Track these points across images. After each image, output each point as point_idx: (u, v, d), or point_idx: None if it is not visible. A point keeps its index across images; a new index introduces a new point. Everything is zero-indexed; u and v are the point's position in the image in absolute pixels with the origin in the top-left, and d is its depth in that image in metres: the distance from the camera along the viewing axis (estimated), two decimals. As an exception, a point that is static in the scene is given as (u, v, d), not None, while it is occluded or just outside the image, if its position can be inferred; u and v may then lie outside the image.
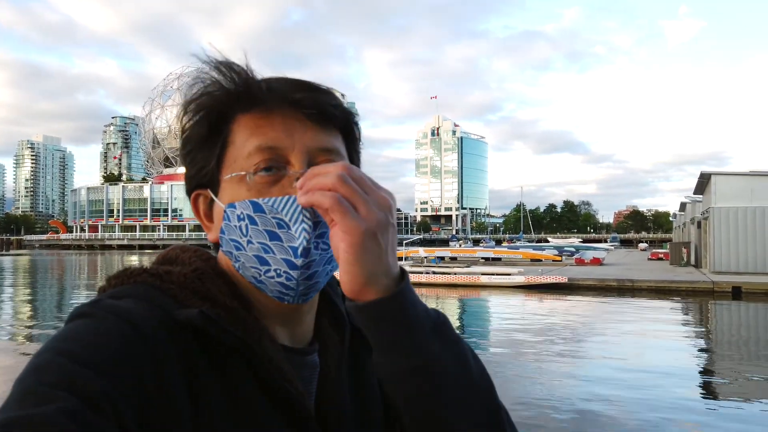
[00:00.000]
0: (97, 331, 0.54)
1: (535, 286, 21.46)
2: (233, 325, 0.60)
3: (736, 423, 6.49)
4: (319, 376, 0.70)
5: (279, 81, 0.66)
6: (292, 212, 0.61)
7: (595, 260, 31.79)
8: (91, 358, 0.51)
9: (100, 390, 0.49)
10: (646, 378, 8.35)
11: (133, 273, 0.64)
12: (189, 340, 0.58)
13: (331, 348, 0.72)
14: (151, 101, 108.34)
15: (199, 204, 0.70)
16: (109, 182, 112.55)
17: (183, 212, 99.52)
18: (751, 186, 24.14)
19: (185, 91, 0.69)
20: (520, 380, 8.37)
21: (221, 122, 0.66)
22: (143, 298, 0.60)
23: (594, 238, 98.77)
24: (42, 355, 0.52)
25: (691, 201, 34.62)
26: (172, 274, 0.64)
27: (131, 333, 0.55)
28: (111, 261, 49.39)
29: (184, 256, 0.69)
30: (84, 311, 0.57)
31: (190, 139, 0.68)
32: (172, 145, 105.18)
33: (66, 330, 0.55)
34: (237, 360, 0.60)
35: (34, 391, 0.48)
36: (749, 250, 23.52)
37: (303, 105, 0.64)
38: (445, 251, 39.23)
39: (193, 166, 0.68)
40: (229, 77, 0.66)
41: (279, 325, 0.68)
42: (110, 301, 0.58)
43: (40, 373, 0.50)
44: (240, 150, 0.64)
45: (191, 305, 0.61)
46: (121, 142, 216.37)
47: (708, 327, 14.31)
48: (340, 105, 0.68)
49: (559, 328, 13.02)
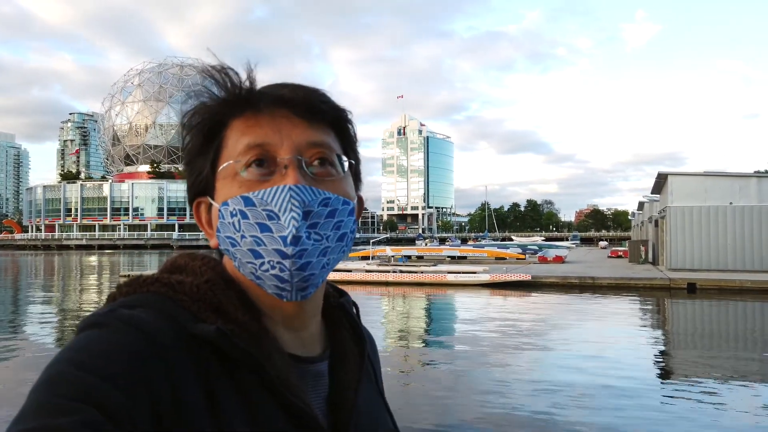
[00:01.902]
0: (112, 341, 0.54)
1: (500, 284, 21.78)
2: (246, 341, 0.61)
3: (691, 412, 6.73)
4: (337, 389, 0.70)
5: (271, 84, 0.68)
6: (281, 202, 0.62)
7: (558, 258, 32.42)
8: (107, 370, 0.51)
9: (118, 402, 0.49)
10: (606, 371, 8.58)
11: (146, 282, 0.64)
12: (205, 353, 0.59)
13: (352, 361, 0.73)
14: (110, 97, 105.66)
15: (201, 212, 0.70)
16: (67, 180, 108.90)
17: (144, 211, 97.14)
18: (705, 186, 25.01)
19: (180, 106, 0.74)
20: (484, 377, 8.49)
21: (216, 130, 0.68)
22: (157, 309, 0.60)
23: (556, 237, 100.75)
24: (56, 365, 0.52)
25: (649, 200, 35.67)
26: (184, 285, 0.64)
27: (147, 344, 0.55)
28: (69, 261, 47.91)
29: (193, 264, 0.69)
30: (97, 321, 0.56)
31: (188, 151, 0.70)
32: (132, 143, 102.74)
33: (79, 340, 0.55)
34: (251, 374, 0.60)
35: (50, 403, 0.48)
36: (703, 248, 24.38)
37: (290, 102, 0.66)
38: (411, 250, 39.39)
39: (191, 175, 0.70)
40: (223, 84, 0.68)
41: (286, 331, 0.68)
42: (124, 310, 0.58)
43: (56, 385, 0.50)
44: (231, 151, 0.66)
45: (205, 318, 0.61)
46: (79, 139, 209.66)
47: (665, 321, 14.79)
48: (329, 101, 0.69)
49: (523, 325, 13.25)
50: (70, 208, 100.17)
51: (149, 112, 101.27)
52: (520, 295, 19.54)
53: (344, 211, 0.66)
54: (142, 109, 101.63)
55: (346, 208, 0.66)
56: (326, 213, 0.64)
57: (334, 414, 0.68)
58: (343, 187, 0.68)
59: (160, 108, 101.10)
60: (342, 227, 0.66)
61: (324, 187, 0.65)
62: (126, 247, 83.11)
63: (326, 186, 0.66)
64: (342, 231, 0.66)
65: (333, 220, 0.65)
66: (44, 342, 11.80)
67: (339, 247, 0.66)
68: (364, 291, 21.02)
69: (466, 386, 7.94)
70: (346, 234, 0.67)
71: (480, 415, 6.54)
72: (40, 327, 13.92)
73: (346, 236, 0.67)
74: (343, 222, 0.66)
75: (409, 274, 23.80)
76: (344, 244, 0.67)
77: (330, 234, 0.64)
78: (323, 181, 0.66)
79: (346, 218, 0.67)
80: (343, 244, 0.67)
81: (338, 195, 0.66)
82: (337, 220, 0.65)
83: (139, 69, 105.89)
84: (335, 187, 0.67)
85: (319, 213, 0.63)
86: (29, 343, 11.55)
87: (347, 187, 0.69)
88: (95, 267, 40.02)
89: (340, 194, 0.66)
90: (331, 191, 0.65)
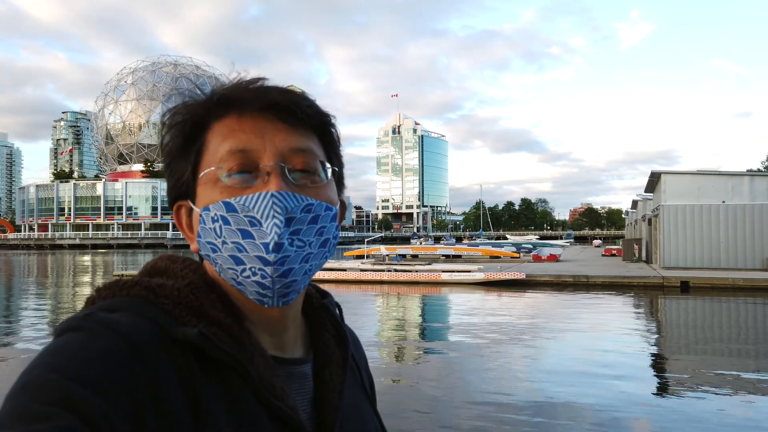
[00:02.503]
0: (90, 346, 0.52)
1: (494, 282, 21.81)
2: (228, 343, 0.60)
3: (684, 408, 6.76)
4: (321, 390, 0.70)
5: (253, 87, 0.66)
6: (263, 208, 0.61)
7: (552, 257, 32.50)
8: (86, 375, 0.50)
9: (96, 407, 0.48)
10: (600, 369, 8.62)
11: (126, 285, 0.63)
12: (186, 357, 0.58)
13: (335, 362, 0.73)
14: (104, 96, 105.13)
15: (181, 215, 0.69)
16: (60, 179, 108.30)
17: (138, 210, 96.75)
18: (698, 184, 25.14)
19: (163, 104, 0.74)
20: (479, 375, 8.51)
21: (197, 132, 0.67)
22: (137, 313, 0.58)
23: (550, 235, 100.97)
24: (33, 371, 0.50)
25: (643, 199, 35.81)
26: (165, 288, 0.63)
27: (127, 349, 0.53)
28: (62, 261, 47.67)
29: (174, 267, 0.68)
30: (75, 324, 0.55)
31: (168, 152, 0.69)
32: (126, 142, 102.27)
33: (57, 344, 0.53)
34: (234, 377, 0.60)
35: (28, 409, 0.47)
36: (696, 246, 24.51)
37: (274, 107, 0.65)
38: (406, 249, 39.36)
39: (172, 178, 0.69)
40: (205, 89, 0.68)
41: (266, 333, 0.68)
42: (103, 314, 0.57)
43: (34, 390, 0.48)
44: (213, 156, 0.65)
45: (186, 322, 0.60)
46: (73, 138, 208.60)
47: (658, 319, 14.85)
48: (313, 106, 0.67)
49: (518, 324, 13.28)
50: (63, 208, 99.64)
51: (143, 111, 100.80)
52: (515, 294, 19.58)
53: (327, 217, 0.66)
54: (135, 107, 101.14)
55: (328, 214, 0.66)
56: (309, 219, 0.63)
57: (319, 415, 0.68)
58: (326, 193, 0.68)
59: (153, 107, 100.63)
60: (324, 233, 0.66)
61: (306, 193, 0.65)
62: (120, 246, 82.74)
63: (309, 192, 0.65)
64: (325, 237, 0.66)
65: (316, 226, 0.64)
66: (30, 348, 11.73)
67: (321, 253, 0.66)
68: (358, 290, 21.02)
69: (459, 384, 7.96)
70: (329, 240, 0.67)
71: (473, 415, 6.55)
72: (29, 330, 13.84)
73: (329, 242, 0.67)
74: (326, 228, 0.66)
75: (404, 273, 23.80)
76: (327, 249, 0.67)
77: (313, 240, 0.64)
78: (306, 188, 0.65)
79: (329, 224, 0.66)
80: (325, 249, 0.67)
81: (321, 201, 0.65)
82: (319, 226, 0.65)
83: (133, 67, 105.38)
84: (318, 193, 0.66)
85: (302, 219, 0.63)
86: (11, 350, 11.47)
87: (330, 192, 0.69)
88: (88, 267, 39.83)
89: (323, 200, 0.66)
90: (314, 198, 0.65)
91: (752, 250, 23.79)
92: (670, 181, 25.50)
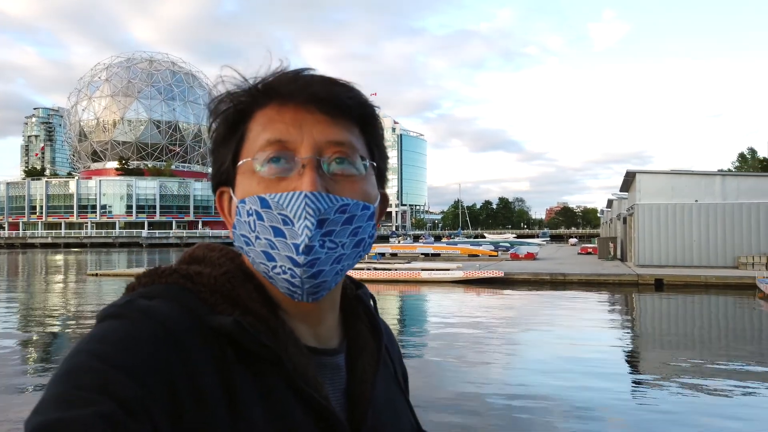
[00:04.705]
0: (130, 333, 0.54)
1: (473, 280, 21.95)
2: (263, 333, 0.60)
3: (656, 403, 6.88)
4: (354, 381, 0.70)
5: (296, 78, 0.66)
6: (297, 208, 0.61)
7: (529, 255, 32.83)
8: (125, 362, 0.51)
9: (135, 394, 0.49)
10: (576, 366, 8.71)
11: (164, 273, 0.64)
12: (222, 346, 0.58)
13: (368, 353, 0.73)
14: (77, 92, 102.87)
15: (223, 201, 0.70)
16: (31, 177, 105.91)
17: (113, 209, 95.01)
18: (672, 184, 25.62)
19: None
20: (456, 373, 8.54)
21: (240, 120, 0.67)
22: (175, 300, 0.60)
23: (527, 234, 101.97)
24: (75, 356, 0.52)
25: (618, 198, 36.41)
26: (202, 276, 0.64)
27: (165, 337, 0.54)
28: (34, 260, 46.61)
29: (212, 255, 0.68)
30: (116, 312, 0.57)
31: (213, 139, 0.70)
32: (100, 139, 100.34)
33: (98, 331, 0.55)
34: (268, 366, 0.60)
35: (69, 394, 0.48)
36: (670, 244, 24.98)
37: (316, 97, 0.64)
38: (385, 247, 39.38)
39: (215, 165, 0.70)
40: (248, 78, 0.68)
41: (302, 324, 0.68)
42: (143, 301, 0.58)
43: (75, 376, 0.50)
44: (252, 145, 0.65)
45: (222, 311, 0.61)
46: (45, 134, 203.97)
47: (633, 317, 15.09)
48: (356, 97, 0.67)
49: (496, 321, 13.37)
50: (34, 206, 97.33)
51: (117, 108, 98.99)
52: (493, 292, 19.73)
53: (363, 216, 0.65)
54: (110, 104, 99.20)
55: (365, 213, 0.65)
56: (343, 220, 0.63)
57: (351, 406, 0.68)
58: (363, 188, 0.67)
59: (128, 103, 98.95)
60: (360, 233, 0.65)
61: (342, 187, 0.64)
62: (93, 245, 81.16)
63: (344, 186, 0.64)
64: (359, 237, 0.65)
65: (350, 226, 0.64)
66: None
67: (355, 253, 0.66)
68: (337, 289, 20.94)
69: (434, 383, 7.97)
70: (364, 239, 0.66)
71: (448, 412, 6.57)
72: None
73: (364, 241, 0.66)
74: (361, 228, 0.65)
75: (383, 271, 23.82)
76: (361, 249, 0.67)
77: (346, 241, 0.64)
78: (341, 182, 0.65)
79: (365, 223, 0.66)
80: (359, 249, 0.66)
81: (357, 199, 0.65)
82: (354, 226, 0.64)
83: (107, 63, 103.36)
84: (354, 188, 0.65)
85: (336, 220, 0.62)
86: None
87: (368, 187, 0.68)
88: (61, 266, 39.02)
89: (360, 196, 0.65)
90: (350, 192, 0.64)
91: (723, 249, 24.34)
92: (644, 181, 25.94)
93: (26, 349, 11.04)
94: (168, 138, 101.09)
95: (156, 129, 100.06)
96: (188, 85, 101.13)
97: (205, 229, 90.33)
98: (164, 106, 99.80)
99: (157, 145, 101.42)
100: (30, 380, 8.30)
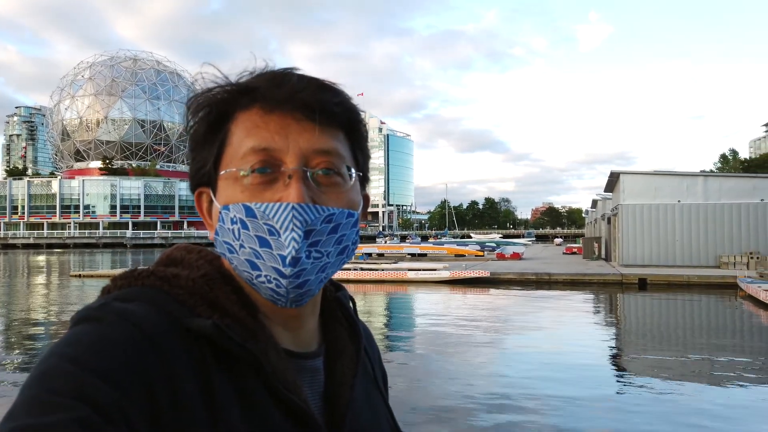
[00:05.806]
0: (105, 336, 0.52)
1: (459, 280, 22.03)
2: (242, 336, 0.60)
3: (645, 401, 6.96)
4: (332, 384, 0.69)
5: (282, 83, 0.64)
6: (284, 219, 0.60)
7: (515, 255, 33.02)
8: (100, 366, 0.50)
9: (111, 398, 0.48)
10: (562, 365, 8.78)
11: (141, 275, 0.62)
12: (201, 348, 0.57)
13: (347, 356, 0.73)
14: (60, 91, 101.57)
15: (202, 201, 0.69)
16: (13, 176, 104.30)
17: (96, 209, 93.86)
18: (655, 184, 25.93)
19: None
20: (443, 371, 8.57)
21: (221, 121, 0.65)
22: (152, 303, 0.58)
23: (513, 234, 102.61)
24: (48, 360, 0.50)
25: (602, 198, 36.75)
26: (180, 278, 0.63)
27: (142, 340, 0.53)
28: (15, 261, 45.92)
29: (189, 257, 0.68)
30: (90, 315, 0.55)
31: (192, 138, 0.68)
32: (83, 138, 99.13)
33: (72, 334, 0.53)
34: (247, 369, 0.59)
35: (43, 399, 0.47)
36: (653, 244, 25.29)
37: (303, 104, 0.63)
38: (372, 247, 39.38)
39: (194, 165, 0.69)
40: (229, 77, 0.66)
41: (281, 328, 0.67)
42: (118, 304, 0.57)
43: (49, 381, 0.48)
44: (236, 150, 0.64)
45: (201, 313, 0.60)
46: (27, 133, 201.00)
47: (617, 315, 15.25)
48: (342, 103, 0.66)
49: (482, 321, 13.42)
50: (16, 206, 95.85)
51: (101, 107, 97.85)
52: (480, 292, 19.81)
53: (348, 224, 0.65)
54: (93, 103, 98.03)
55: (350, 221, 0.65)
56: (329, 229, 0.63)
57: (329, 409, 0.67)
58: (349, 196, 0.66)
59: (112, 102, 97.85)
60: (344, 240, 0.65)
61: (327, 197, 0.64)
62: (77, 245, 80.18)
63: (330, 196, 0.64)
64: (344, 244, 0.65)
65: (335, 235, 0.63)
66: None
67: (339, 261, 0.66)
68: (324, 289, 20.89)
69: (420, 384, 7.98)
70: (348, 246, 0.66)
71: (435, 412, 6.59)
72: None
73: (348, 248, 0.66)
74: (345, 235, 0.65)
75: (370, 271, 23.82)
76: (345, 256, 0.66)
77: (331, 250, 0.63)
78: (327, 192, 0.64)
79: (349, 231, 0.65)
80: (343, 256, 0.66)
81: (342, 207, 0.64)
82: (339, 234, 0.64)
83: (90, 62, 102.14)
84: (340, 197, 0.65)
85: (322, 231, 0.62)
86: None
87: (353, 194, 0.68)
88: (43, 267, 38.48)
89: (345, 204, 0.65)
90: (335, 201, 0.64)
91: (705, 248, 24.69)
92: (628, 181, 26.22)
93: (3, 353, 10.87)
94: (153, 137, 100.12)
95: (140, 128, 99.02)
96: (173, 84, 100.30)
97: (190, 229, 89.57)
98: (149, 105, 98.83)
99: (142, 144, 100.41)
100: (4, 388, 8.17)
